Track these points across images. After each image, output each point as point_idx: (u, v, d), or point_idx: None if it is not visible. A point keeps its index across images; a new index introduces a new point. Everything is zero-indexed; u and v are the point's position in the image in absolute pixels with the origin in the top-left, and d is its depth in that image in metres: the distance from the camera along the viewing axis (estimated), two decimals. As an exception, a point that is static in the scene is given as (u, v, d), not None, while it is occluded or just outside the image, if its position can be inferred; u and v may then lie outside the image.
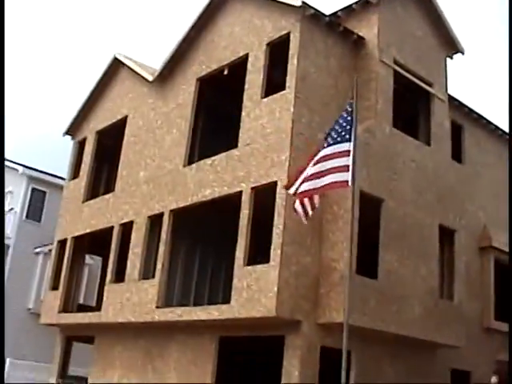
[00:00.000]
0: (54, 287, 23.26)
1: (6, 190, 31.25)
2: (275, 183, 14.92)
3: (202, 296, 19.67)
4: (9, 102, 71.12)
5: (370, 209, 15.07)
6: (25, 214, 29.89)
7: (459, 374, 17.73)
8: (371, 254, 15.33)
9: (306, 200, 12.27)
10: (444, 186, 17.59)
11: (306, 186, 11.89)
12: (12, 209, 30.10)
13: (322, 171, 11.46)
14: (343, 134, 11.30)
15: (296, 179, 12.17)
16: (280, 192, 14.61)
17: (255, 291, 14.58)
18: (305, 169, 12.07)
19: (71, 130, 25.30)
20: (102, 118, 23.75)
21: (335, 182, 11.10)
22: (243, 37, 17.73)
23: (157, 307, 17.58)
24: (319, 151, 11.90)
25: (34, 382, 24.45)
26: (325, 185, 11.30)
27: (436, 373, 17.32)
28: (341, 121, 11.44)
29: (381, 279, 15.24)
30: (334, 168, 11.15)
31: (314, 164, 11.77)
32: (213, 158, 17.33)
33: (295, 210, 12.67)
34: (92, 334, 21.51)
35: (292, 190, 12.28)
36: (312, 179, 11.54)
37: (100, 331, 21.08)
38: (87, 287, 28.24)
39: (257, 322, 15.01)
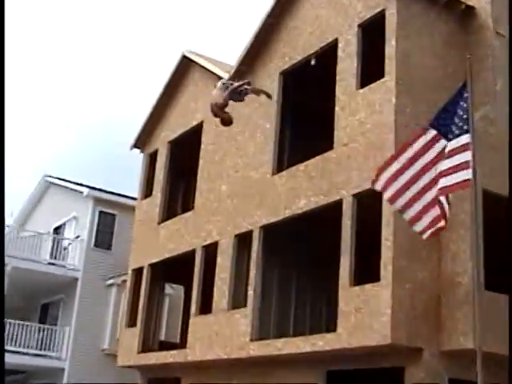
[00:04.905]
0: (132, 324, 23.73)
1: (71, 216, 31.90)
2: (381, 187, 14.80)
3: (302, 324, 19.63)
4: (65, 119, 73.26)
5: (496, 210, 14.79)
6: (93, 242, 30.25)
7: None
8: (502, 265, 15.00)
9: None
10: None
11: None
12: (78, 236, 30.63)
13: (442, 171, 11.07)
14: (460, 124, 11.11)
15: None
16: (387, 197, 14.46)
17: (365, 315, 14.52)
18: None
19: (140, 143, 25.81)
20: (174, 126, 24.14)
21: (457, 183, 10.81)
22: (330, 19, 17.74)
23: (251, 340, 17.72)
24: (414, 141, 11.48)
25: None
26: (444, 187, 10.98)
27: None
28: (456, 109, 11.24)
29: (516, 294, 14.91)
30: (454, 166, 10.89)
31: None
32: (305, 162, 17.39)
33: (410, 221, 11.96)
34: (177, 375, 21.77)
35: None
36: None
37: (187, 371, 21.31)
38: (168, 321, 28.51)
39: (369, 352, 14.92)
